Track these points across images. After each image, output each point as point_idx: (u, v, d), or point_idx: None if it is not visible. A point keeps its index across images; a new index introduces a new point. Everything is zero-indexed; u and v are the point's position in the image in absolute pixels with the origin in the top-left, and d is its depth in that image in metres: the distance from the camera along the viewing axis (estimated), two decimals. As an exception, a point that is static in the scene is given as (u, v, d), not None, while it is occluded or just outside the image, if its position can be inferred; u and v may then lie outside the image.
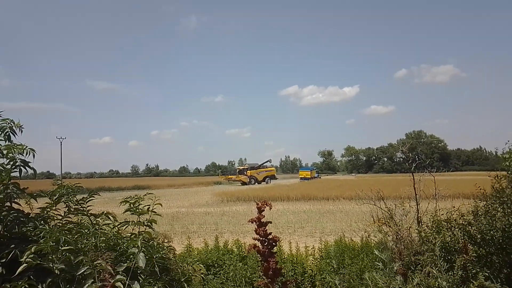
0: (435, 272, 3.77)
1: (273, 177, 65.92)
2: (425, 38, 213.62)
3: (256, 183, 58.70)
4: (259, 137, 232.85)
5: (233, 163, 72.05)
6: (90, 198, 3.00)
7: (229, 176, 66.80)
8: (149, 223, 2.90)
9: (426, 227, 4.78)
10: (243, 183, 58.55)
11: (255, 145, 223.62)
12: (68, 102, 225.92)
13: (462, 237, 4.37)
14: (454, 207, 4.90)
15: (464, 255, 3.91)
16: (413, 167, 5.72)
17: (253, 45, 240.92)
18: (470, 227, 4.46)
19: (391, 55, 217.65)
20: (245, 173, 62.39)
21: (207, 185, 59.52)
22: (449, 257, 4.20)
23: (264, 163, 67.27)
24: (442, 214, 4.83)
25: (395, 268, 3.05)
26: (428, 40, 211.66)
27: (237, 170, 67.55)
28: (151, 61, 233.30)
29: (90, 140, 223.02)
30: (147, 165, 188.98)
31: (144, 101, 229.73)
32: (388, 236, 5.12)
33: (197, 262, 4.06)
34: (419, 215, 5.31)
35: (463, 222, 4.53)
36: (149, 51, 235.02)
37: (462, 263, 3.80)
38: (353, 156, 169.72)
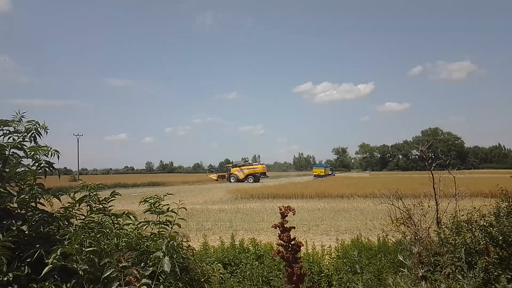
0: (456, 274, 3.72)
1: (260, 175, 59.15)
2: (441, 35, 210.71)
3: (238, 181, 55.84)
4: (272, 134, 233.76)
5: (247, 159, 72.21)
6: (112, 198, 3.04)
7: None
8: (173, 226, 2.93)
9: (445, 228, 4.72)
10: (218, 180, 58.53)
11: (269, 142, 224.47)
12: (84, 99, 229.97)
13: (483, 239, 4.30)
14: (474, 207, 4.81)
15: (486, 257, 3.85)
16: (432, 167, 5.63)
17: (267, 42, 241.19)
18: (491, 228, 4.38)
19: (406, 52, 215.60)
20: (227, 171, 61.37)
21: (222, 182, 59.67)
22: (470, 259, 4.13)
23: (245, 162, 63.61)
24: (462, 215, 4.76)
25: (420, 274, 3.01)
26: (443, 37, 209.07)
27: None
28: (166, 57, 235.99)
29: (105, 137, 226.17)
30: (161, 161, 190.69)
31: (158, 98, 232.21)
32: (406, 236, 5.06)
33: (215, 262, 4.08)
34: (438, 216, 5.23)
35: (484, 223, 4.46)
36: (164, 47, 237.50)
37: (484, 265, 3.74)
38: (368, 154, 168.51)
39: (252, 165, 62.65)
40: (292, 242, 1.81)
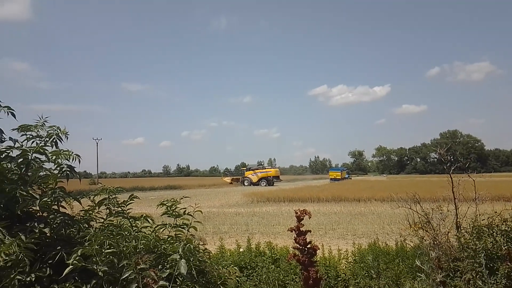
0: (477, 280, 3.65)
1: (273, 179, 59.22)
2: (459, 35, 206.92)
3: (252, 185, 56.04)
4: (288, 138, 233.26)
5: (262, 163, 72.40)
6: (131, 202, 3.09)
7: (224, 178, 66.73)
8: (189, 229, 2.96)
9: (465, 233, 4.63)
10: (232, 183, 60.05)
11: (284, 145, 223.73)
12: (101, 104, 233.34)
13: (505, 244, 4.20)
14: (495, 212, 4.71)
15: (508, 263, 3.76)
16: (451, 170, 5.53)
17: (281, 45, 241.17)
18: (514, 233, 4.28)
19: (423, 53, 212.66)
20: (242, 174, 62.01)
21: (237, 185, 59.80)
22: (491, 265, 4.05)
23: (259, 165, 64.24)
24: (483, 219, 4.66)
25: (438, 279, 2.97)
26: (461, 37, 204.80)
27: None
28: (181, 62, 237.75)
29: (123, 141, 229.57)
30: (178, 165, 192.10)
31: (173, 102, 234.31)
32: (425, 241, 4.98)
33: (232, 265, 4.10)
34: (458, 220, 5.14)
35: (506, 228, 4.36)
36: (179, 52, 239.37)
37: (506, 271, 3.66)
38: (385, 157, 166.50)
39: (265, 168, 63.05)
40: (308, 246, 1.81)
